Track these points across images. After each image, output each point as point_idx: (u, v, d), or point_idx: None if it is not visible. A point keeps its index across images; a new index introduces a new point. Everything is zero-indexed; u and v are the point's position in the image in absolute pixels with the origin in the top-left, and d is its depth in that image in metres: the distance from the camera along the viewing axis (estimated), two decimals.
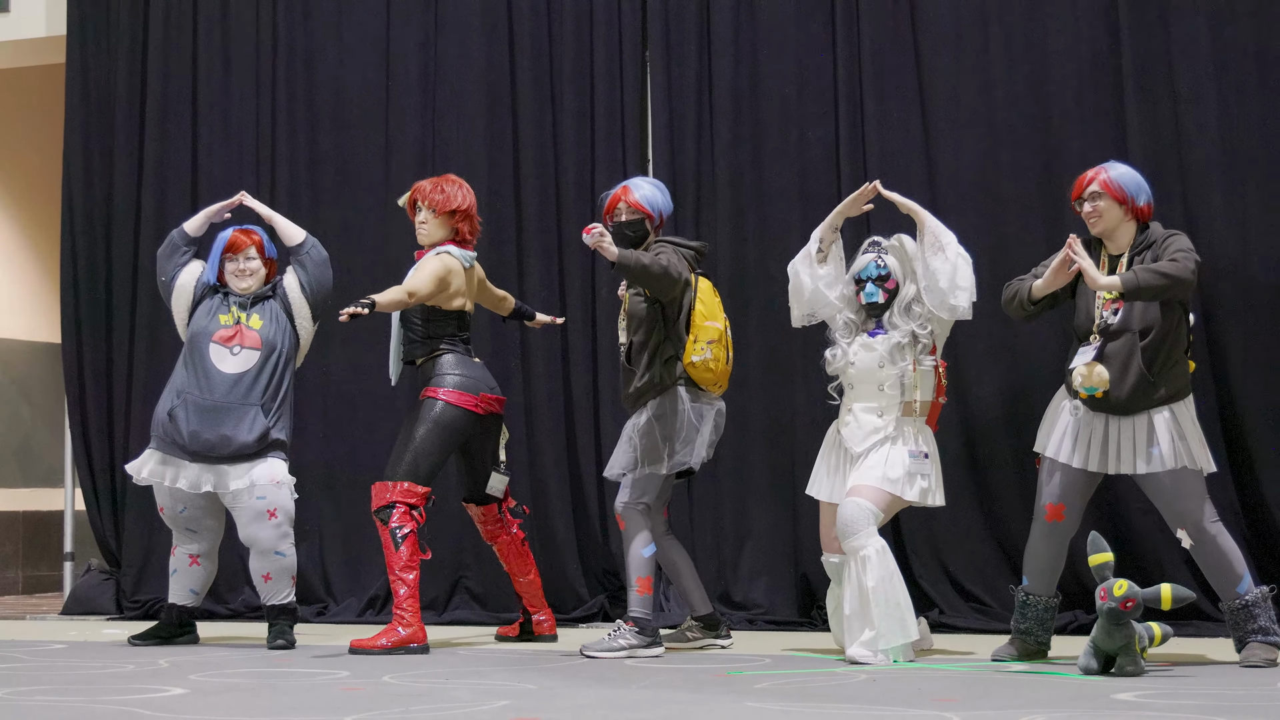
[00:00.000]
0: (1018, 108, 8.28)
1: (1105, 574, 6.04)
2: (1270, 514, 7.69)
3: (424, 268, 7.43)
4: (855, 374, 6.87)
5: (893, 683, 5.93)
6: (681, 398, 7.16)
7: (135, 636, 7.75)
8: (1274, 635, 6.36)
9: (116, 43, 9.85)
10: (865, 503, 6.65)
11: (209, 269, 7.78)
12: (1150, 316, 6.42)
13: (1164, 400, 6.42)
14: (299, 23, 9.58)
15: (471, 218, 7.62)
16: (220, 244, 7.78)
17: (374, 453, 8.56)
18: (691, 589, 7.46)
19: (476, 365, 7.57)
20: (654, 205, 7.33)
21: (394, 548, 7.24)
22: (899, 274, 6.91)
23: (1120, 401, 6.42)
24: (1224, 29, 8.00)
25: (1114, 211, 6.57)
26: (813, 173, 8.56)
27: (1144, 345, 6.39)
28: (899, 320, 6.86)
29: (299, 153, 9.50)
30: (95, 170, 9.82)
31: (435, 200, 7.54)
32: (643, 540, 7.13)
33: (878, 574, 6.58)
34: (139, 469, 7.66)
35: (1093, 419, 6.51)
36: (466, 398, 7.43)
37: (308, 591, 9.17)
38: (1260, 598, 6.37)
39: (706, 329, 7.21)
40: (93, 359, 9.69)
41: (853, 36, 8.54)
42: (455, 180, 7.65)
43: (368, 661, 6.82)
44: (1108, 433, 6.49)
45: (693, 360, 7.16)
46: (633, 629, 7.05)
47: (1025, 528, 8.07)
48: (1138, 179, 6.64)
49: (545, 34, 9.12)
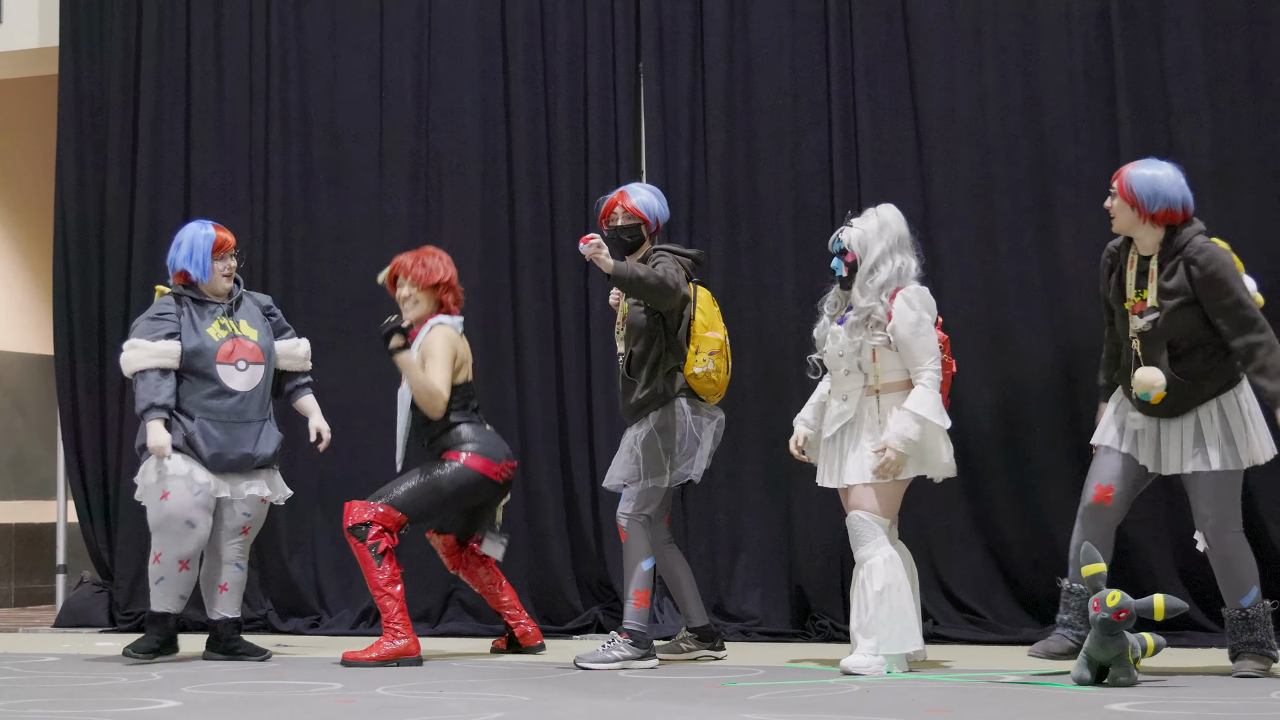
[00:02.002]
0: (1011, 120, 8.29)
1: (1098, 585, 6.04)
2: (1265, 528, 7.68)
3: (434, 353, 7.40)
4: (827, 360, 6.83)
5: (886, 694, 5.93)
6: (683, 410, 7.17)
7: (134, 650, 7.56)
8: (1269, 649, 6.32)
9: (109, 54, 9.85)
10: (865, 514, 6.62)
11: (198, 268, 7.56)
12: (1182, 326, 6.29)
13: (1211, 395, 6.32)
14: (292, 34, 9.59)
15: (454, 288, 7.63)
16: (208, 243, 7.58)
17: (368, 465, 8.57)
18: (689, 600, 7.46)
19: (491, 433, 7.59)
20: (650, 211, 7.33)
21: (375, 564, 7.24)
22: (859, 245, 6.75)
23: (1166, 406, 6.33)
24: (1216, 43, 8.02)
25: (1125, 213, 6.41)
26: (806, 184, 8.56)
27: (1174, 355, 6.30)
28: (857, 295, 6.71)
29: (292, 164, 9.50)
30: (88, 182, 9.81)
31: (418, 276, 7.55)
32: (644, 553, 7.13)
33: (884, 582, 6.55)
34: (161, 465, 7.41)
35: (1146, 421, 6.43)
36: (490, 465, 7.46)
37: (301, 604, 9.17)
38: (1263, 612, 6.31)
39: (708, 339, 7.22)
40: (86, 371, 9.68)
41: (846, 48, 8.55)
42: (434, 252, 7.66)
43: (361, 674, 6.81)
44: (1159, 434, 6.40)
45: (694, 372, 7.17)
46: (627, 641, 7.04)
47: (1019, 538, 8.13)
48: (1157, 183, 6.35)
49: (539, 45, 9.13)
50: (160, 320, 7.52)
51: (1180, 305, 6.31)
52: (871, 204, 8.07)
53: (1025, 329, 8.13)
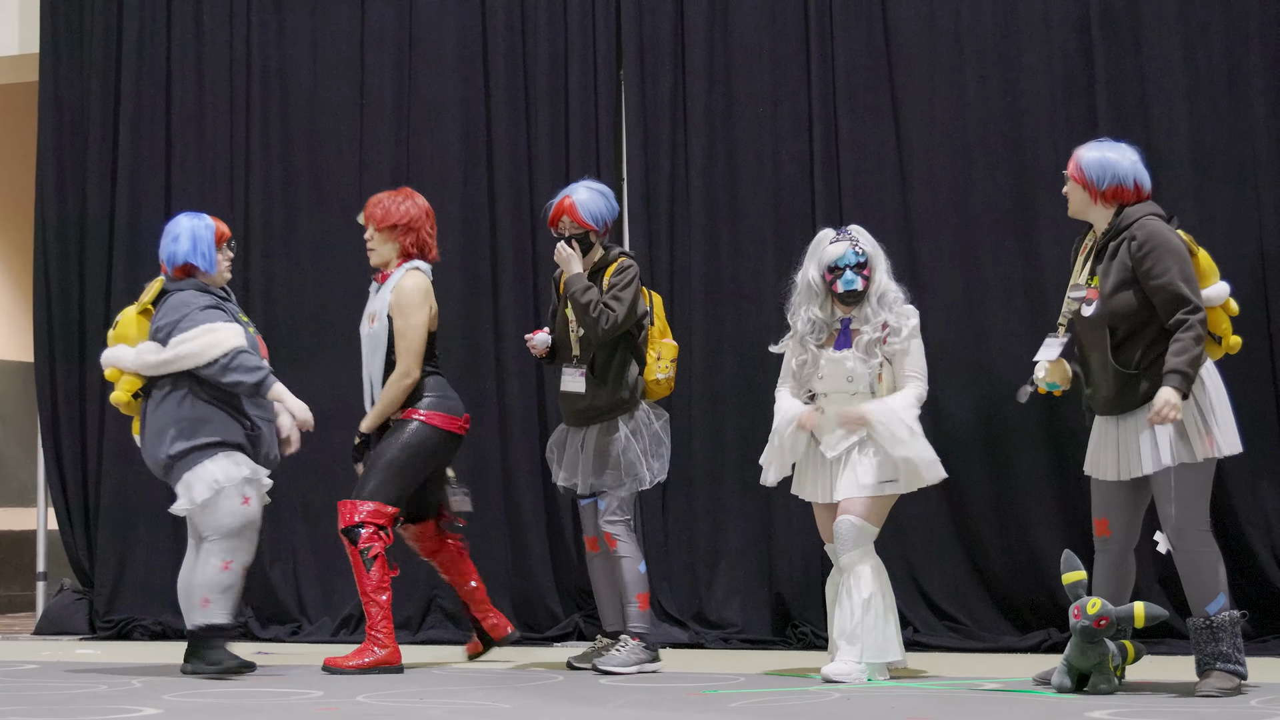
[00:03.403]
0: (991, 127, 8.31)
1: (1079, 592, 6.05)
2: (1242, 532, 7.71)
3: (408, 301, 7.25)
4: (826, 386, 6.81)
5: (867, 701, 5.94)
6: (648, 413, 7.26)
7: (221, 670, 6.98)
8: (1235, 663, 5.96)
9: (90, 61, 9.84)
10: (856, 519, 6.62)
11: (205, 260, 7.21)
12: (1120, 308, 6.09)
13: (1160, 389, 5.99)
14: (273, 40, 9.58)
15: (415, 230, 7.38)
16: (210, 234, 7.24)
17: (347, 473, 8.54)
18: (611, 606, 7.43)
19: (448, 386, 7.46)
20: (597, 217, 7.33)
21: (365, 569, 7.13)
22: (873, 262, 6.80)
23: (1112, 400, 6.15)
24: (1196, 50, 8.04)
25: (1077, 194, 6.28)
26: (787, 191, 8.57)
27: (1114, 343, 6.11)
28: (871, 312, 6.74)
29: (273, 170, 9.50)
30: (69, 189, 9.80)
31: (373, 214, 7.38)
32: (638, 557, 7.21)
33: (870, 589, 6.57)
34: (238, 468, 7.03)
35: (1106, 425, 6.24)
36: (451, 420, 7.37)
37: (282, 611, 9.15)
38: (1229, 621, 5.96)
39: (667, 346, 7.35)
40: (66, 378, 9.67)
41: (827, 56, 8.56)
42: (405, 192, 7.48)
43: (342, 681, 6.80)
44: (1119, 437, 6.17)
45: (657, 378, 7.29)
46: (639, 644, 7.10)
47: (999, 546, 8.15)
48: (1106, 160, 6.23)
49: (520, 52, 9.13)
50: (220, 309, 7.15)
51: (1118, 285, 6.12)
52: (852, 210, 8.15)
53: (1006, 335, 8.14)
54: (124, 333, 7.26)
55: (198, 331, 7.00)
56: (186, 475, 7.00)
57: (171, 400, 7.06)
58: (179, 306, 7.10)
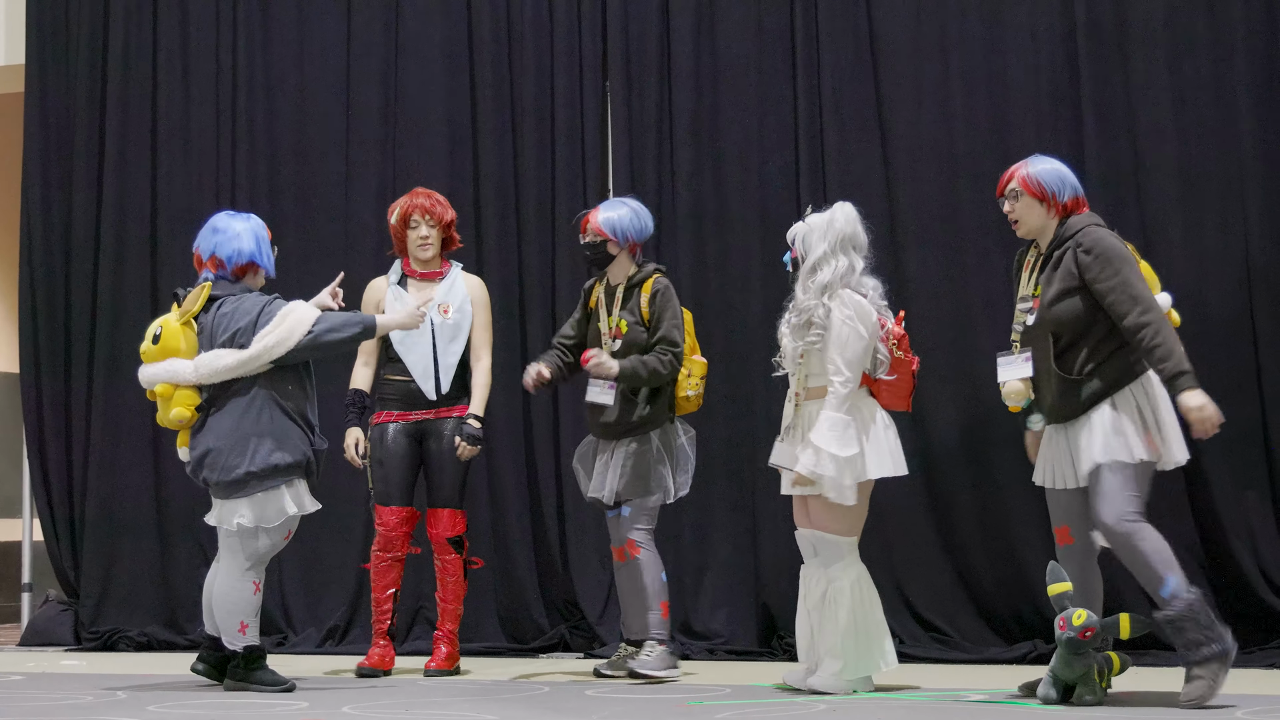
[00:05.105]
0: (977, 139, 8.32)
1: (1064, 603, 6.04)
2: (1228, 544, 7.72)
3: (486, 298, 7.86)
4: (783, 360, 6.74)
5: (852, 712, 5.93)
6: (678, 429, 7.39)
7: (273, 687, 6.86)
8: (1204, 649, 5.84)
9: (76, 72, 9.83)
10: (829, 536, 6.59)
11: (269, 260, 7.12)
12: (1063, 315, 6.10)
13: (1101, 394, 6.07)
14: (259, 52, 9.58)
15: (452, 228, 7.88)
16: (263, 228, 7.16)
17: (334, 483, 8.53)
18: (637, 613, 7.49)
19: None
20: (617, 229, 7.37)
21: (463, 579, 7.61)
22: (802, 242, 6.65)
23: (1056, 408, 6.17)
24: (1182, 63, 8.06)
25: (1034, 210, 6.26)
26: (773, 203, 8.58)
27: (1058, 350, 6.12)
28: (799, 294, 6.61)
29: (259, 182, 9.49)
30: (54, 199, 9.78)
31: (438, 213, 7.74)
32: (660, 566, 7.34)
33: (850, 605, 6.50)
34: (308, 505, 6.99)
35: (1055, 433, 6.26)
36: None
37: (267, 622, 9.10)
38: (1185, 606, 5.86)
39: (697, 363, 7.44)
40: (51, 389, 9.65)
41: (813, 67, 8.57)
42: (430, 193, 7.83)
43: (328, 692, 6.80)
44: (1068, 443, 6.18)
45: (687, 394, 7.40)
46: (665, 650, 7.22)
47: (984, 557, 8.15)
48: (1060, 172, 6.29)
49: (506, 63, 9.14)
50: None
51: (1061, 293, 6.13)
52: None
53: (991, 347, 8.11)
54: (171, 345, 6.93)
55: (276, 320, 6.86)
56: (260, 495, 6.82)
57: (252, 411, 6.86)
58: (249, 309, 6.92)
